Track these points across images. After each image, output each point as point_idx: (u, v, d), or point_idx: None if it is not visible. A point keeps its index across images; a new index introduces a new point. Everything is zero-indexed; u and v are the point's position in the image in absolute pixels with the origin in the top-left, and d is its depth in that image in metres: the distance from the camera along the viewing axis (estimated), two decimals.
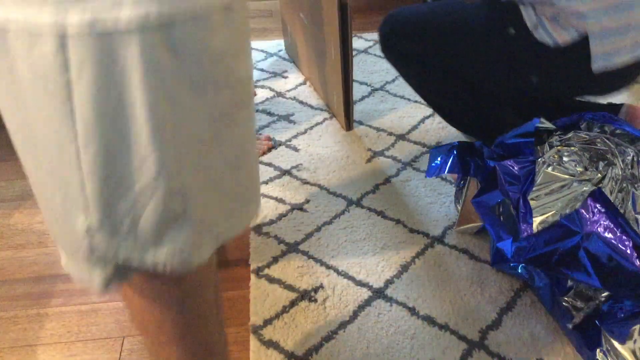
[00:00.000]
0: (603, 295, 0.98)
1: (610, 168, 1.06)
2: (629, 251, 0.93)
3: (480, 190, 1.13)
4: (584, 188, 1.04)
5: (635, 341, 0.92)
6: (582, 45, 1.17)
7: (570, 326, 0.99)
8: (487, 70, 1.30)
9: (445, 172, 1.25)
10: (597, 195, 0.97)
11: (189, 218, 0.56)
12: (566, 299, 1.00)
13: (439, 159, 1.25)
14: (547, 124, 1.21)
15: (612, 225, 0.95)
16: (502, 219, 1.09)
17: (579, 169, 1.06)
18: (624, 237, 0.93)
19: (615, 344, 0.92)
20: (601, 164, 1.06)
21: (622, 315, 0.96)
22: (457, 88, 1.37)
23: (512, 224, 1.07)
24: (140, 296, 0.67)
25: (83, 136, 0.49)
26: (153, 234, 0.56)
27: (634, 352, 0.91)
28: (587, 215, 0.97)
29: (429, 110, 1.67)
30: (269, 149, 1.54)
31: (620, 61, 1.19)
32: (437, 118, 1.62)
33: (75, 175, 0.52)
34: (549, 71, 1.25)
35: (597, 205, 0.96)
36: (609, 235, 0.95)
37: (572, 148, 1.11)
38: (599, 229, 0.95)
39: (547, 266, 0.99)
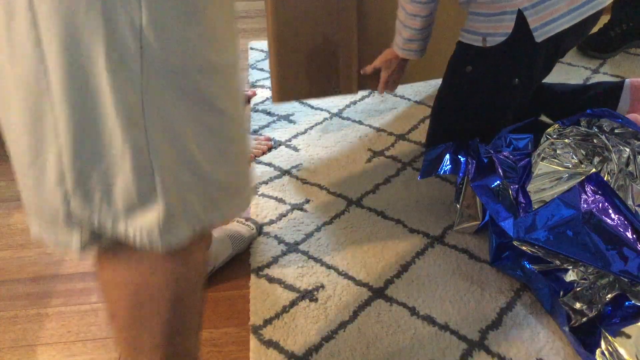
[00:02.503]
0: (608, 296, 0.98)
1: (606, 164, 1.07)
2: (629, 235, 0.93)
3: (479, 175, 1.13)
4: (581, 179, 1.04)
5: (636, 343, 0.92)
6: (525, 25, 1.22)
7: (567, 329, 0.99)
8: (491, 109, 1.34)
9: (440, 173, 1.25)
10: (594, 177, 0.98)
11: (159, 197, 0.58)
12: (565, 300, 1.00)
13: (432, 159, 1.25)
14: (548, 120, 1.21)
15: (609, 207, 0.95)
16: (501, 199, 1.09)
17: (574, 160, 1.07)
18: (626, 223, 0.94)
19: (616, 345, 0.92)
20: (596, 159, 1.07)
21: (622, 315, 0.96)
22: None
23: (511, 206, 1.07)
24: (131, 294, 0.67)
25: (58, 107, 0.54)
26: (123, 206, 0.59)
27: (636, 356, 0.91)
28: (584, 196, 0.97)
29: (429, 110, 1.67)
30: (269, 149, 1.54)
31: (561, 26, 1.22)
32: None
33: (53, 144, 0.56)
34: (521, 64, 1.28)
35: (594, 187, 0.97)
36: (607, 218, 0.95)
37: (566, 141, 1.12)
38: (596, 210, 0.96)
39: (548, 246, 0.99)
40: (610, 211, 0.95)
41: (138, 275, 0.66)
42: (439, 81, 1.43)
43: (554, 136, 1.15)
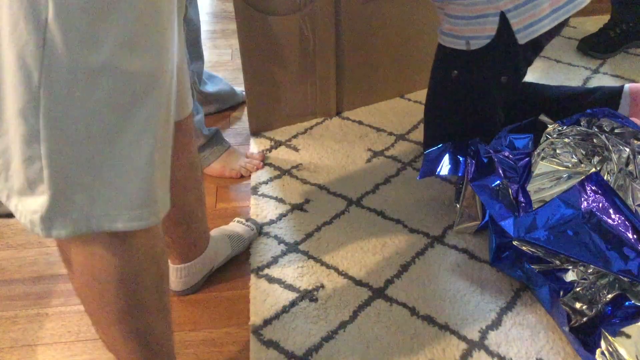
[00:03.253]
0: (609, 296, 0.98)
1: (605, 163, 1.07)
2: (629, 234, 0.93)
3: (479, 175, 1.13)
4: (579, 179, 1.04)
5: (636, 343, 0.92)
6: (508, 27, 1.21)
7: (567, 329, 0.98)
8: (480, 110, 1.34)
9: (438, 174, 1.25)
10: (594, 177, 0.98)
11: (45, 189, 0.60)
12: (565, 300, 1.00)
13: (431, 159, 1.25)
14: (547, 120, 1.21)
15: (609, 207, 0.95)
16: (501, 199, 1.09)
17: (574, 160, 1.07)
18: (626, 222, 0.94)
19: (616, 345, 0.92)
20: (595, 159, 1.06)
21: (622, 315, 0.96)
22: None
23: (511, 205, 1.07)
24: (82, 273, 0.70)
25: None
26: (17, 186, 0.61)
27: (636, 356, 0.91)
28: (585, 195, 0.97)
29: None
30: (257, 169, 1.47)
31: (543, 28, 1.22)
32: None
33: None
34: (507, 63, 1.28)
35: (594, 187, 0.97)
36: (607, 217, 0.95)
37: (566, 140, 1.12)
38: (596, 210, 0.96)
39: (548, 246, 0.99)
40: (611, 211, 0.95)
41: (82, 257, 0.69)
42: None
43: (554, 136, 1.15)
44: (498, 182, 1.10)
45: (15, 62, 0.54)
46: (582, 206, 0.97)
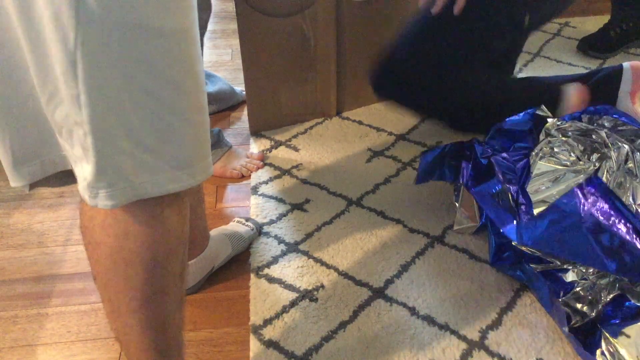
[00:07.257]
0: (609, 296, 0.98)
1: (605, 161, 1.06)
2: (629, 237, 0.93)
3: (477, 178, 1.13)
4: (580, 177, 1.03)
5: (636, 343, 0.92)
6: None
7: (567, 329, 0.98)
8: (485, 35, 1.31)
9: (435, 179, 1.24)
10: (593, 180, 0.98)
11: (90, 154, 0.60)
12: (565, 301, 1.00)
13: (428, 163, 1.24)
14: (546, 112, 1.20)
15: (609, 209, 0.95)
16: (501, 204, 1.09)
17: (572, 157, 1.06)
18: (626, 224, 0.93)
19: (617, 345, 0.92)
20: (594, 156, 1.06)
21: (622, 315, 0.96)
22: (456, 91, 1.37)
23: (511, 210, 1.07)
24: (110, 255, 0.68)
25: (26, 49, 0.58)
26: (78, 151, 0.61)
27: (637, 357, 0.91)
28: (584, 199, 0.97)
29: None
30: (257, 169, 1.48)
31: None
32: None
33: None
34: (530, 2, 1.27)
35: (594, 190, 0.97)
36: (607, 220, 0.95)
37: (563, 138, 1.11)
38: (596, 212, 0.96)
39: (552, 251, 0.99)
40: (611, 213, 0.95)
41: (113, 238, 0.67)
42: None
43: (553, 131, 1.14)
44: (498, 187, 1.10)
45: (52, 24, 0.54)
46: (582, 210, 0.97)
